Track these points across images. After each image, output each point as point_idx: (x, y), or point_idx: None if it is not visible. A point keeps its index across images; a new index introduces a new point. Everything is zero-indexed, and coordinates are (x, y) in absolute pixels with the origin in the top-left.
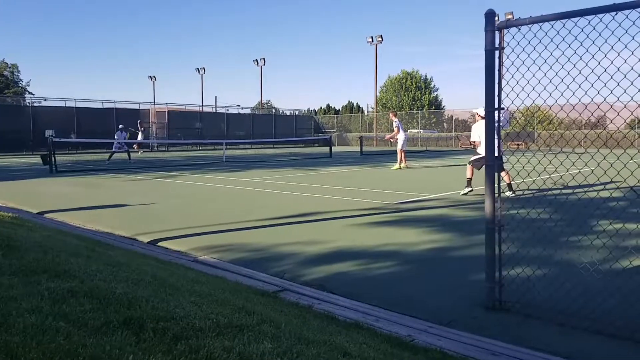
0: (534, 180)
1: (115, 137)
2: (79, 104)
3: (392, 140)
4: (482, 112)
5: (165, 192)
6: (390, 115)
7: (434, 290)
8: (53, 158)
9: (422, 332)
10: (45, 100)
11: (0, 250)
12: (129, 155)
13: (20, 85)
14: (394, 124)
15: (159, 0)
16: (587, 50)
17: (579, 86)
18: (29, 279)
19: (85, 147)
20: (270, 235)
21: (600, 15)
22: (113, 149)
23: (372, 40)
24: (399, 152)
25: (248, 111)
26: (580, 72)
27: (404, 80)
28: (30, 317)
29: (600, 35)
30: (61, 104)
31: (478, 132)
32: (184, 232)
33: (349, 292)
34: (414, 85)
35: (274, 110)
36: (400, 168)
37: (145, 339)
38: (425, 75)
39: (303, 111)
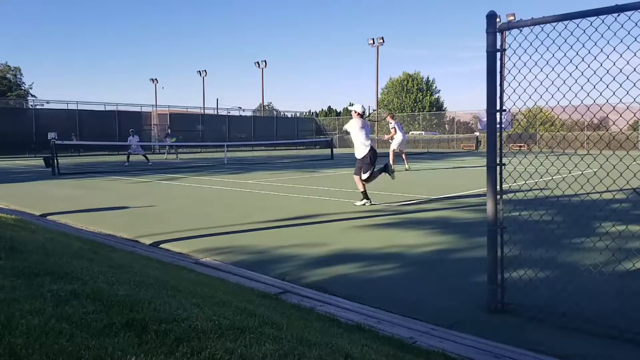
0: (536, 182)
1: (129, 142)
2: (81, 107)
3: (390, 140)
4: (358, 109)
5: (167, 194)
6: (387, 117)
7: (436, 292)
8: (55, 160)
9: (424, 334)
10: (47, 102)
11: (4, 253)
12: (147, 158)
13: (22, 88)
14: (390, 126)
15: (160, 2)
16: (589, 52)
17: (581, 88)
18: (31, 281)
19: (87, 149)
20: (271, 237)
21: (602, 17)
22: (129, 151)
23: (374, 42)
24: (390, 152)
25: (249, 113)
26: (582, 74)
27: (405, 82)
28: (33, 318)
29: (602, 36)
30: (63, 106)
31: (353, 133)
32: (186, 235)
33: (351, 294)
34: (416, 87)
35: (275, 113)
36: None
37: (147, 340)
38: (427, 77)
39: (304, 113)
